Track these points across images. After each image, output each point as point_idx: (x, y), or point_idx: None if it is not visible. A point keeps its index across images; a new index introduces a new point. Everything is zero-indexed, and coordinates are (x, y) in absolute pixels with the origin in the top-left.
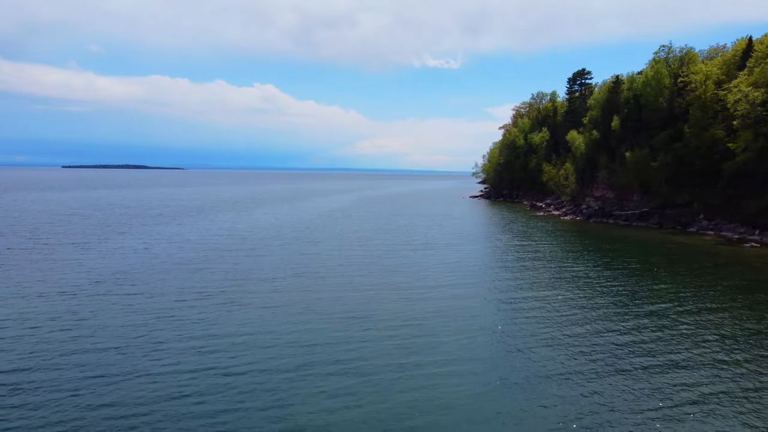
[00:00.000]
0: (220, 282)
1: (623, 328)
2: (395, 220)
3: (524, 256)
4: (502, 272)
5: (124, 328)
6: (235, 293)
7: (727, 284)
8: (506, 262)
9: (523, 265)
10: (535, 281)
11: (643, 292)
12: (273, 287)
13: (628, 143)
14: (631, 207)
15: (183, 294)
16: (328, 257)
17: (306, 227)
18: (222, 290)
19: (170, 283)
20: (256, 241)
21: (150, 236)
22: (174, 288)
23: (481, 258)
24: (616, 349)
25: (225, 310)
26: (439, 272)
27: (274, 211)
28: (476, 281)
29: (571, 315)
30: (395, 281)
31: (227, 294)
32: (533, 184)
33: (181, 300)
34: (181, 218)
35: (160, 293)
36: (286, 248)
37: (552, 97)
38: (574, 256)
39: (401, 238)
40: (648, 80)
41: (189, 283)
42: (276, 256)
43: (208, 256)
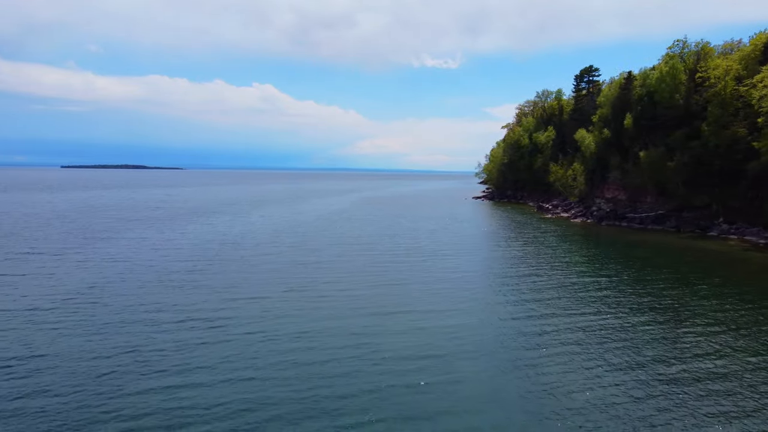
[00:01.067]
0: (204, 301)
1: (676, 354)
2: (399, 224)
3: (542, 267)
4: (524, 287)
5: (75, 372)
6: (220, 317)
7: None
8: (526, 275)
9: (545, 280)
10: (562, 299)
11: (686, 309)
12: (264, 308)
13: (641, 142)
14: (645, 209)
15: (157, 317)
16: (328, 269)
17: (304, 232)
18: (205, 313)
19: (144, 303)
20: (250, 248)
21: (133, 243)
22: (148, 309)
23: (498, 269)
24: (674, 388)
25: (206, 339)
26: (452, 287)
27: (270, 214)
28: (496, 300)
29: (612, 340)
30: (405, 301)
31: (210, 318)
32: (538, 184)
33: (154, 326)
34: (172, 222)
35: (130, 316)
36: (281, 257)
37: (557, 95)
38: (597, 265)
39: (407, 244)
40: (663, 76)
41: (167, 302)
42: (270, 268)
43: (195, 268)
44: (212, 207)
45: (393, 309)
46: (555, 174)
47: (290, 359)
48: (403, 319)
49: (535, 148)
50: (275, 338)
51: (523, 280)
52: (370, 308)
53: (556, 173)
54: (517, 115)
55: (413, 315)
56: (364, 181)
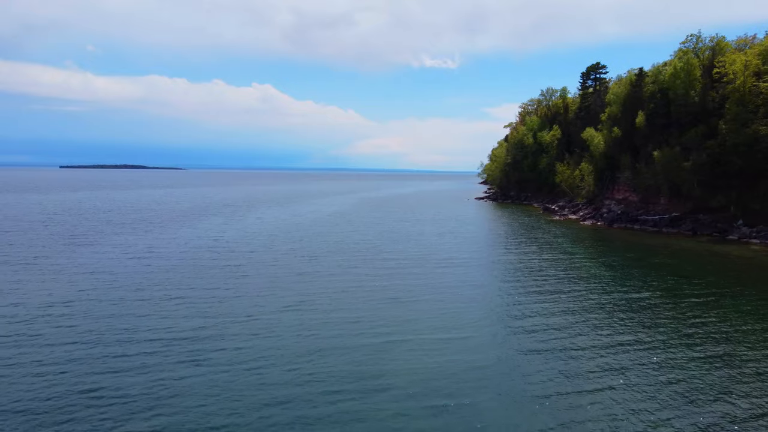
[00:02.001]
0: (185, 323)
1: (745, 394)
2: (402, 227)
3: (561, 277)
4: (543, 302)
5: (32, 399)
6: (201, 343)
7: None
8: (543, 287)
9: (567, 294)
10: (589, 318)
11: (735, 331)
12: (254, 331)
13: (654, 141)
14: (659, 211)
15: (126, 344)
16: (328, 280)
17: (301, 237)
18: (184, 338)
19: (114, 327)
20: (243, 255)
21: (116, 250)
22: (118, 333)
23: (512, 280)
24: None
25: (183, 373)
26: (464, 303)
27: (267, 216)
28: (512, 318)
29: (654, 372)
30: (412, 319)
31: (190, 344)
32: (543, 185)
33: (120, 357)
34: (161, 226)
35: (94, 342)
36: (277, 266)
37: (562, 93)
38: (620, 275)
39: (412, 250)
40: (676, 72)
41: (140, 325)
42: (264, 279)
43: (181, 280)
44: (206, 209)
45: (399, 330)
46: (561, 174)
47: (283, 395)
48: (411, 343)
49: (539, 147)
50: (266, 368)
51: (540, 293)
52: (374, 330)
53: (562, 173)
54: (520, 114)
55: (422, 336)
56: (364, 181)
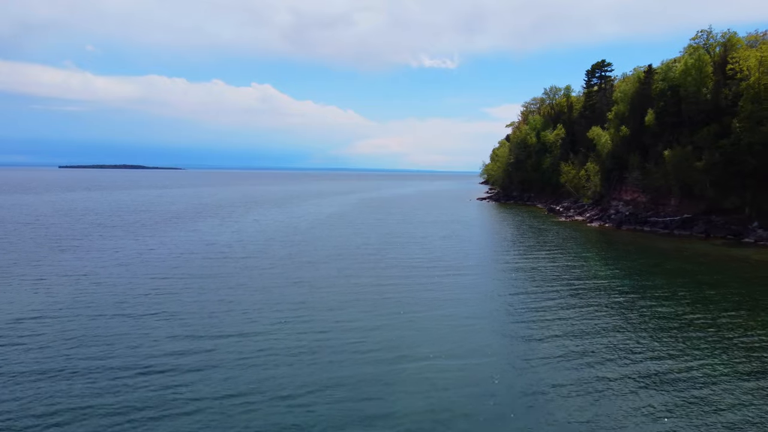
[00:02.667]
0: (170, 343)
1: None
2: (405, 230)
3: (575, 285)
4: (560, 315)
5: None
6: (186, 369)
7: None
8: (558, 298)
9: (584, 305)
10: (609, 334)
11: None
12: (245, 354)
13: (665, 140)
14: (669, 213)
15: (98, 369)
16: (327, 291)
17: (300, 240)
18: (165, 360)
19: (92, 344)
20: (237, 262)
21: (103, 255)
22: (92, 356)
23: (524, 288)
24: None
25: (164, 404)
26: (479, 320)
27: (265, 218)
28: (529, 334)
29: (700, 406)
30: (424, 344)
31: (172, 367)
32: (546, 185)
33: (94, 383)
34: (154, 228)
35: (66, 363)
36: (272, 274)
37: (566, 92)
38: (641, 283)
39: (417, 256)
40: (687, 69)
41: (119, 344)
42: (259, 290)
43: (168, 292)
44: (202, 210)
45: (406, 355)
46: (567, 174)
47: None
48: (420, 372)
49: (543, 147)
50: (257, 403)
51: (559, 307)
52: (379, 354)
53: (567, 173)
54: (523, 113)
55: (432, 363)
56: (363, 181)
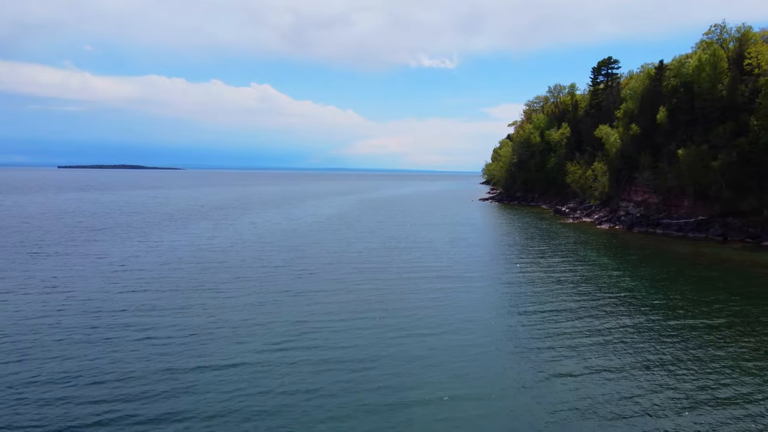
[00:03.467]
0: (145, 372)
1: None
2: (409, 233)
3: (599, 297)
4: (591, 337)
5: None
6: (162, 404)
7: None
8: (586, 316)
9: (605, 319)
10: (637, 351)
11: None
12: (234, 384)
13: (677, 139)
14: (682, 215)
15: (59, 403)
16: (327, 305)
17: (298, 245)
18: (139, 396)
19: (56, 369)
20: (228, 271)
21: (86, 262)
22: (54, 384)
23: (546, 306)
24: None
25: None
26: (497, 342)
27: (261, 220)
28: (557, 360)
29: None
30: (436, 372)
31: (150, 398)
32: (550, 185)
33: (63, 419)
34: (144, 231)
35: (19, 398)
36: (268, 285)
37: (571, 90)
38: (667, 293)
39: (424, 263)
40: (701, 64)
41: (90, 370)
42: (252, 304)
43: (151, 306)
44: (197, 212)
45: (416, 386)
46: (573, 174)
47: None
48: (432, 409)
49: (547, 146)
50: None
51: (584, 330)
52: (384, 387)
53: (574, 173)
54: (526, 112)
55: (445, 396)
56: (363, 181)
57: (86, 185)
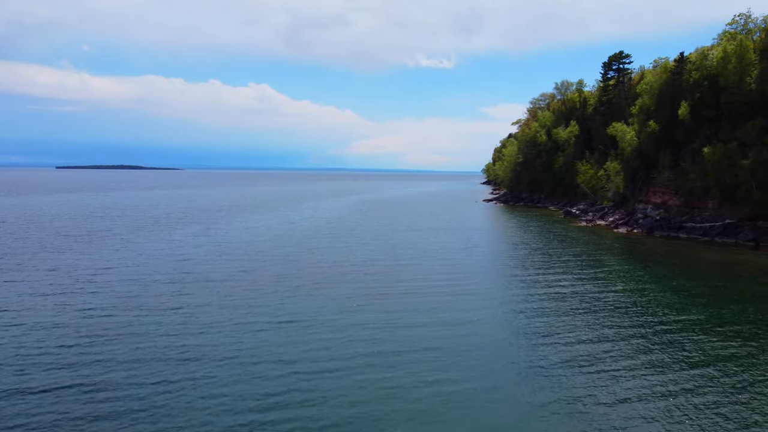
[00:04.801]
0: (98, 411)
1: None
2: (417, 239)
3: (645, 320)
4: (647, 374)
5: None
6: None
7: None
8: (636, 345)
9: (668, 363)
10: (698, 402)
11: None
12: None
13: (701, 136)
14: (707, 218)
15: None
16: (327, 339)
17: (293, 255)
18: None
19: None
20: (212, 288)
21: (52, 276)
22: None
23: (583, 338)
24: None
25: None
26: (531, 380)
27: (255, 224)
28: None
29: None
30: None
31: None
32: (558, 186)
33: None
34: (126, 237)
35: None
36: (256, 305)
37: (578, 86)
38: (721, 317)
39: (438, 277)
40: (727, 56)
41: (45, 411)
42: (234, 332)
43: (118, 330)
44: (187, 214)
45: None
46: (584, 174)
47: None
48: None
49: (554, 145)
50: None
51: (638, 366)
52: None
53: (585, 173)
54: (530, 110)
55: None
56: (362, 181)
57: (78, 186)
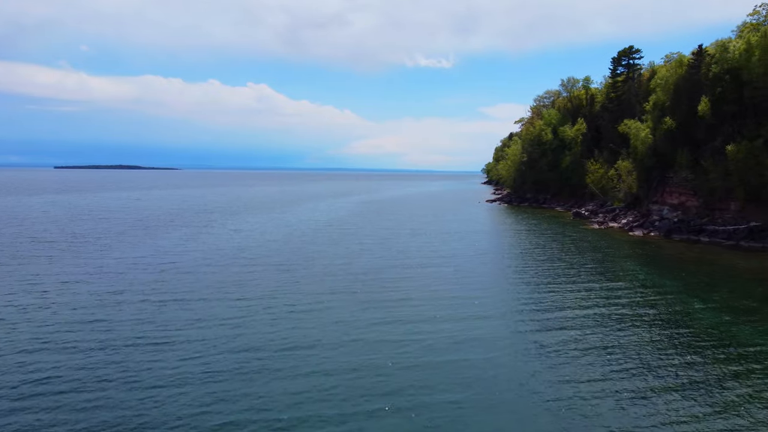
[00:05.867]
0: None
1: None
2: (423, 245)
3: (703, 352)
4: None
5: None
6: None
7: None
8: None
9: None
10: None
11: None
12: None
13: (724, 133)
14: (729, 220)
15: None
16: (326, 374)
17: (288, 263)
18: None
19: None
20: (186, 308)
21: (13, 284)
22: None
23: (627, 366)
24: None
25: None
26: None
27: (250, 228)
28: None
29: None
30: None
31: None
32: (564, 186)
33: None
34: (107, 242)
35: None
36: (243, 328)
37: (585, 83)
38: None
39: (453, 293)
40: (751, 48)
41: None
42: (215, 364)
43: (84, 353)
44: (178, 217)
45: None
46: (594, 174)
47: None
48: None
49: (561, 144)
50: None
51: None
52: None
53: (594, 173)
54: (533, 108)
55: None
56: (361, 181)
57: (71, 187)
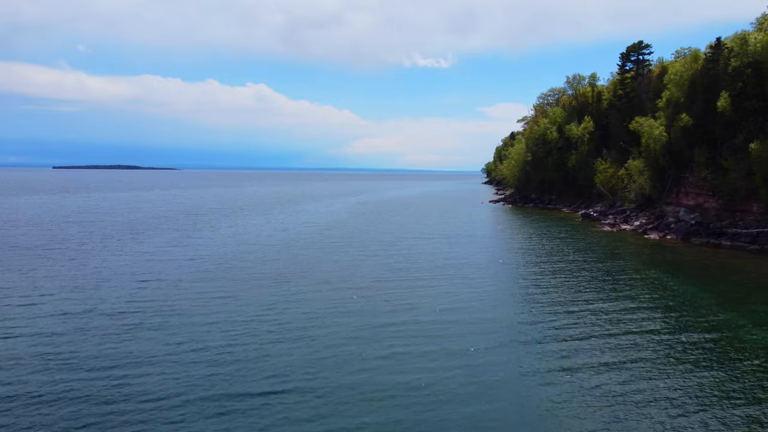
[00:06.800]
0: None
1: None
2: (428, 251)
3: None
4: None
5: None
6: None
7: None
8: None
9: None
10: None
11: None
12: None
13: (746, 130)
14: (750, 222)
15: None
16: (327, 407)
17: (285, 273)
18: None
19: None
20: (174, 325)
21: None
22: None
23: (671, 393)
24: None
25: None
26: None
27: (244, 231)
28: None
29: None
30: None
31: None
32: (570, 186)
33: None
34: (91, 247)
35: None
36: (221, 359)
37: (591, 80)
38: None
39: (467, 306)
40: None
41: None
42: (197, 404)
43: (50, 374)
44: (169, 219)
45: None
46: (603, 174)
47: None
48: None
49: (567, 142)
50: None
51: None
52: None
53: (605, 173)
54: (537, 106)
55: None
56: (360, 181)
57: (64, 187)
